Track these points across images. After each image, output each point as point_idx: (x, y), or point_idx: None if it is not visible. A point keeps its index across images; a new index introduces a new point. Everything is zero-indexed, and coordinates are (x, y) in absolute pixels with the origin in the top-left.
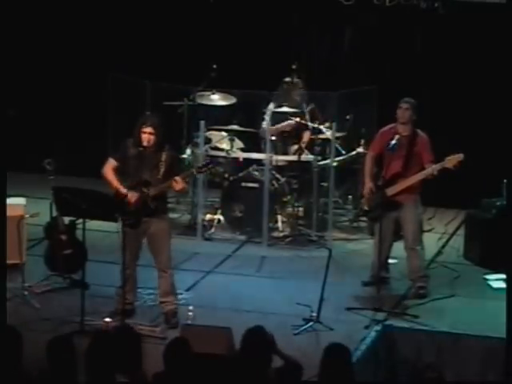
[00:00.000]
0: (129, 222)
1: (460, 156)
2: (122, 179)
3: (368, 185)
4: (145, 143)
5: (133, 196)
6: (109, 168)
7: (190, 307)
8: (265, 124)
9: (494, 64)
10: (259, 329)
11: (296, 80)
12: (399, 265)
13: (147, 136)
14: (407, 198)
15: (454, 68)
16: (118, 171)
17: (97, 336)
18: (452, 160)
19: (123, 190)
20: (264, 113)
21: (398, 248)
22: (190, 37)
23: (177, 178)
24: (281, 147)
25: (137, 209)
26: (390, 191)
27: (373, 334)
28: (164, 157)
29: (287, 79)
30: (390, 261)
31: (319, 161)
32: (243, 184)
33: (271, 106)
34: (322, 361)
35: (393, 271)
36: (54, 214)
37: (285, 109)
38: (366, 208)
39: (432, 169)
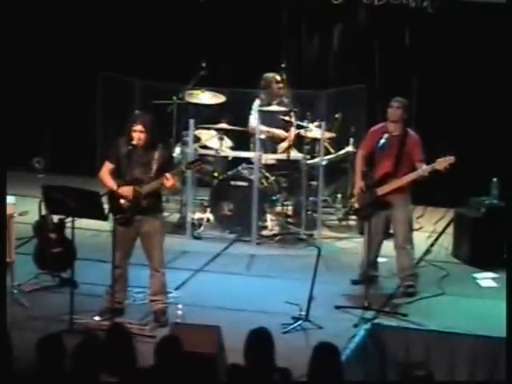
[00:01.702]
0: (121, 220)
1: (451, 159)
2: (118, 179)
3: (358, 183)
4: (135, 141)
5: (126, 190)
6: (105, 172)
7: (179, 306)
8: (252, 120)
9: (483, 63)
10: (264, 330)
11: (272, 74)
12: (388, 263)
13: (137, 134)
14: (397, 197)
15: (443, 67)
16: (114, 173)
17: (86, 336)
18: (443, 162)
19: (117, 190)
20: (250, 109)
21: (387, 247)
22: (179, 35)
23: (167, 175)
24: (270, 146)
25: (129, 207)
26: (381, 191)
27: (362, 332)
28: (157, 155)
29: (265, 75)
30: (380, 259)
31: (308, 159)
32: (232, 183)
33: (256, 103)
34: (311, 360)
35: (382, 270)
36: (43, 212)
37: (272, 107)
38: (356, 206)
39: (423, 170)
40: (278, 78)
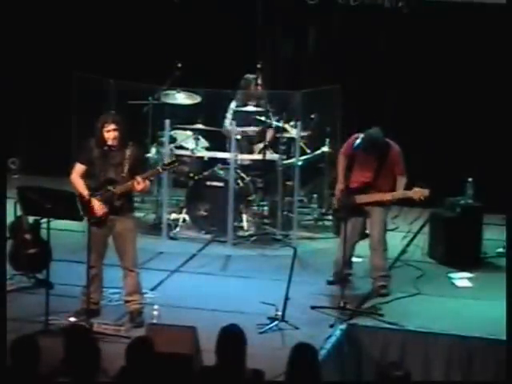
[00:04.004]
0: (94, 220)
1: (426, 191)
2: (90, 181)
3: (340, 185)
4: (109, 142)
5: (101, 209)
6: (76, 174)
7: (155, 306)
8: (227, 122)
9: (456, 63)
10: (235, 328)
11: (253, 76)
12: (364, 264)
13: (112, 133)
14: (375, 206)
15: (417, 68)
16: (86, 174)
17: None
18: (418, 192)
19: (88, 198)
20: (226, 111)
21: (363, 247)
22: (155, 35)
23: (138, 179)
24: (246, 146)
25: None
26: (360, 199)
27: (338, 332)
28: (128, 154)
29: (246, 76)
30: (355, 259)
31: (284, 160)
32: (208, 183)
33: (233, 105)
34: (289, 360)
35: (357, 270)
36: (19, 213)
37: (249, 108)
38: (335, 206)
39: (401, 193)
40: (259, 80)
